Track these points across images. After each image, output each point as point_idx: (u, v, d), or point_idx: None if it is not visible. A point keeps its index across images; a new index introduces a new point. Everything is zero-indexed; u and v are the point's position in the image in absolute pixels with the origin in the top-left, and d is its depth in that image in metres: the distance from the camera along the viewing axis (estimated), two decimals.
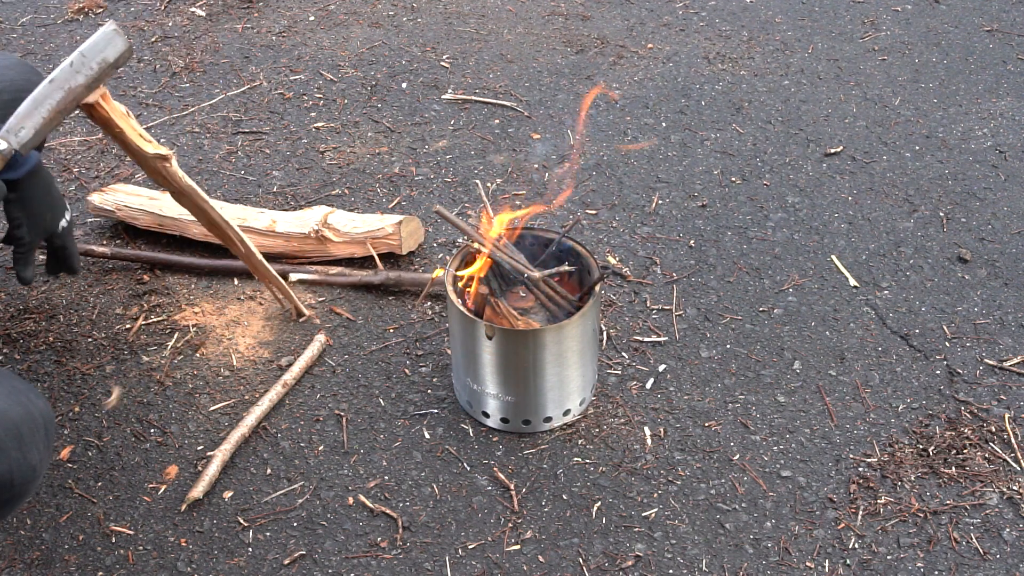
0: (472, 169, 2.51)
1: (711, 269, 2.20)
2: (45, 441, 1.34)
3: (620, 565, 1.63)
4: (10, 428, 1.26)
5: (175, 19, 3.17)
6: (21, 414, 1.28)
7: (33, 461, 1.29)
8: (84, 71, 1.52)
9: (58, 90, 1.50)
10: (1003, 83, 2.82)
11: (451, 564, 1.63)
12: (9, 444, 1.25)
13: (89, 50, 1.52)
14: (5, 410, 1.26)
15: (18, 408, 1.28)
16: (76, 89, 1.52)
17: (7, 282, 2.17)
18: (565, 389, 1.79)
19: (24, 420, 1.28)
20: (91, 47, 1.53)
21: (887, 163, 2.52)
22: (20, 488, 1.28)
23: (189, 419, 1.87)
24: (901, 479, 1.75)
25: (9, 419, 1.26)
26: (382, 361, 1.98)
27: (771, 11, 3.19)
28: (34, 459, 1.29)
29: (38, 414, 1.32)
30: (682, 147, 2.58)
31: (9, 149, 1.46)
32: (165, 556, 1.64)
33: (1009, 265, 2.20)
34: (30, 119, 1.49)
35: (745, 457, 1.79)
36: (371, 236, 2.13)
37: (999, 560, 1.63)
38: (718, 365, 1.97)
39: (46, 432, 1.34)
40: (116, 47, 1.55)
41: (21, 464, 1.27)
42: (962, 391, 1.91)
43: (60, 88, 1.50)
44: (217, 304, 2.11)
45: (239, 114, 2.72)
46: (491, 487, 1.75)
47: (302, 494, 1.74)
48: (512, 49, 3.00)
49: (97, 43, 1.53)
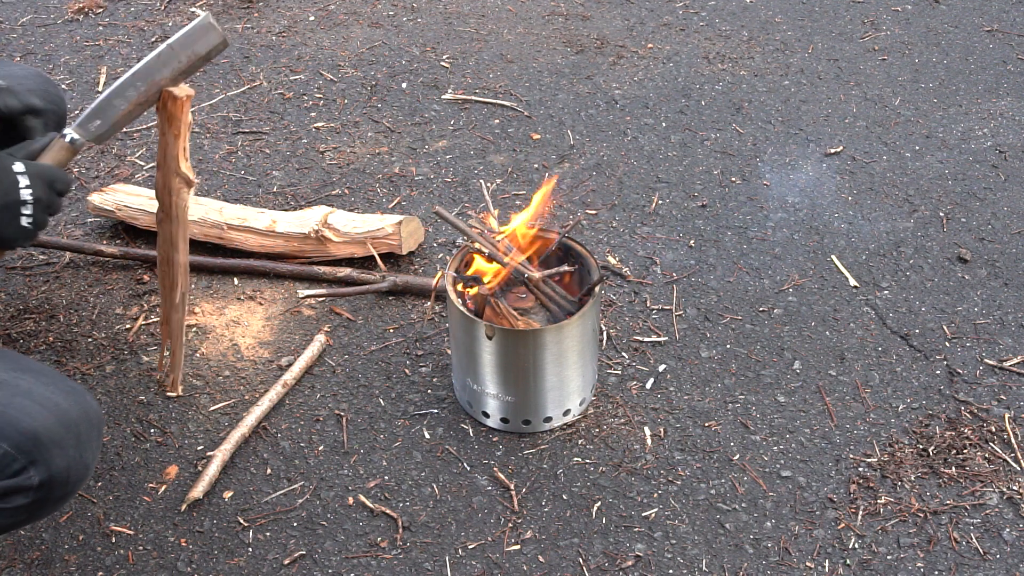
0: (472, 169, 2.51)
1: (711, 269, 2.20)
2: (98, 441, 1.37)
3: (620, 565, 1.63)
4: (71, 427, 1.29)
5: (175, 19, 3.17)
6: (80, 414, 1.32)
7: (88, 460, 1.33)
8: (172, 63, 1.50)
9: (140, 81, 1.49)
10: (1003, 83, 2.82)
11: (451, 564, 1.63)
12: (69, 442, 1.28)
13: (179, 43, 1.50)
14: (67, 410, 1.30)
15: (77, 409, 1.32)
16: (160, 81, 1.50)
17: (7, 282, 2.17)
18: (565, 389, 1.79)
19: (82, 420, 1.32)
20: (182, 39, 1.50)
21: (887, 163, 2.52)
22: (73, 486, 1.32)
23: (189, 419, 1.87)
24: (901, 479, 1.75)
25: (70, 418, 1.30)
26: (382, 361, 1.98)
27: (771, 11, 3.19)
28: (89, 459, 1.33)
29: (93, 415, 1.35)
30: (682, 147, 2.58)
31: (82, 141, 1.46)
32: (165, 556, 1.64)
33: (1009, 265, 2.20)
34: (105, 112, 1.48)
35: (745, 457, 1.79)
36: (371, 236, 2.13)
37: (999, 560, 1.63)
38: (718, 365, 1.97)
39: (98, 433, 1.37)
40: (209, 40, 1.52)
41: (78, 463, 1.30)
42: (962, 391, 1.91)
43: (143, 79, 1.49)
44: (217, 304, 2.11)
45: (239, 114, 2.72)
46: (491, 487, 1.75)
47: (302, 494, 1.74)
48: (512, 49, 3.00)
49: (190, 35, 1.51)
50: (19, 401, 1.27)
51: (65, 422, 1.29)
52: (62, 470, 1.28)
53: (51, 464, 1.27)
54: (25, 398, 1.28)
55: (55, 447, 1.27)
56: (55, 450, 1.27)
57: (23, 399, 1.27)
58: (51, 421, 1.27)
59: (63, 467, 1.28)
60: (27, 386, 1.30)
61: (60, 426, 1.28)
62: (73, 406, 1.31)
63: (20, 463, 1.25)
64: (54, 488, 1.29)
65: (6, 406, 1.26)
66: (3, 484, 1.25)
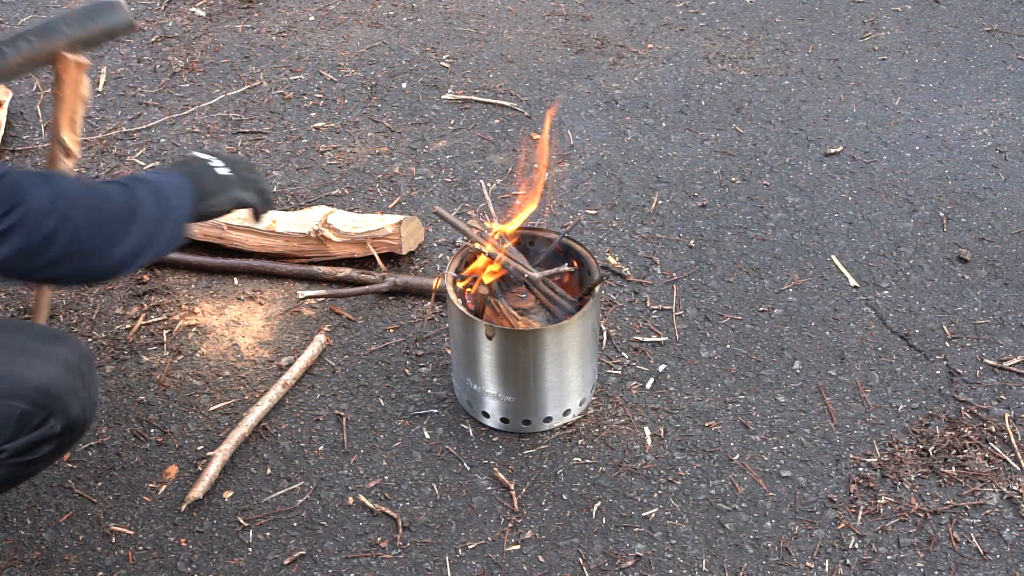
0: (472, 169, 2.51)
1: (711, 269, 2.20)
2: (96, 374, 1.45)
3: (620, 565, 1.63)
4: (74, 371, 1.36)
5: (175, 19, 3.17)
6: (77, 356, 1.38)
7: (94, 395, 1.42)
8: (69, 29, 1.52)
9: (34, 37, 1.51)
10: (1003, 83, 2.82)
11: (451, 564, 1.63)
12: (77, 385, 1.36)
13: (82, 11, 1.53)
14: (65, 356, 1.36)
15: (73, 352, 1.38)
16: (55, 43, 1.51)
17: (7, 282, 2.17)
18: (565, 389, 1.79)
19: (81, 360, 1.38)
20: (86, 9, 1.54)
21: (887, 163, 2.52)
22: (90, 421, 1.42)
23: (189, 419, 1.87)
24: (901, 479, 1.75)
25: (71, 363, 1.36)
26: (382, 361, 1.98)
27: (771, 11, 3.19)
28: (95, 393, 1.42)
29: (85, 352, 1.41)
30: (682, 147, 2.58)
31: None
32: (165, 556, 1.64)
33: (1009, 265, 2.20)
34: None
35: (745, 457, 1.79)
36: (371, 236, 2.13)
37: (999, 560, 1.63)
38: (718, 365, 1.97)
39: (94, 366, 1.45)
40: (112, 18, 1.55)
41: (89, 401, 1.40)
42: (962, 391, 1.91)
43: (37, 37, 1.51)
44: (217, 304, 2.11)
45: (239, 114, 2.72)
46: (491, 487, 1.75)
47: (302, 494, 1.74)
48: (512, 49, 3.00)
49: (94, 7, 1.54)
50: (22, 360, 1.32)
51: (69, 368, 1.35)
52: (79, 413, 1.37)
53: (68, 410, 1.35)
54: (26, 357, 1.33)
55: (68, 394, 1.35)
56: (68, 397, 1.35)
57: (25, 358, 1.33)
58: (57, 371, 1.34)
59: (79, 410, 1.37)
60: (22, 344, 1.35)
61: (66, 372, 1.34)
62: (69, 351, 1.37)
63: (40, 416, 1.33)
64: (75, 430, 1.38)
65: (11, 368, 1.31)
66: (29, 438, 1.33)
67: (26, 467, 1.37)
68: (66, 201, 1.22)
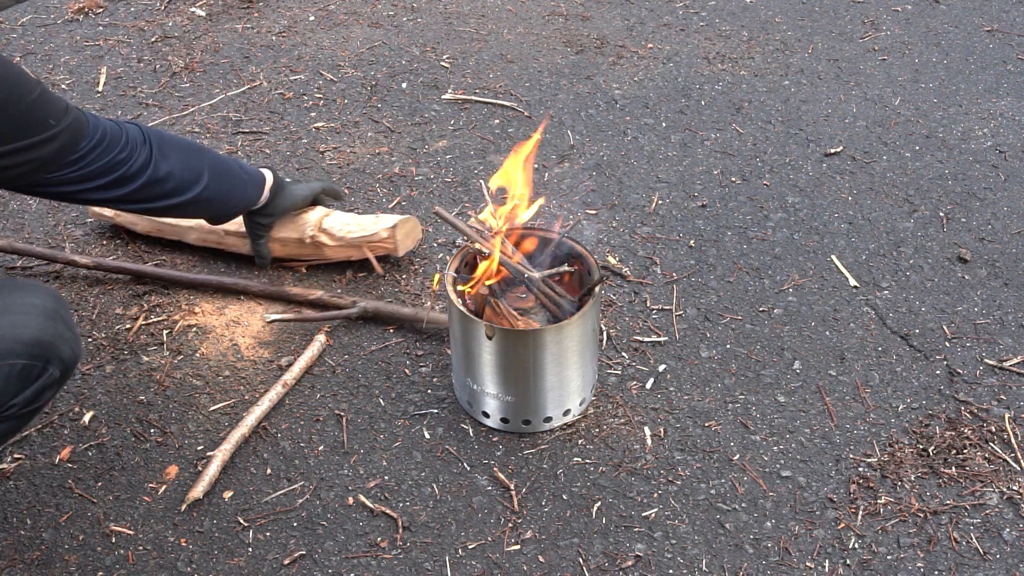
0: (472, 169, 2.51)
1: (711, 269, 2.20)
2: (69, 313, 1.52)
3: (620, 565, 1.63)
4: (55, 317, 1.45)
5: (175, 19, 3.17)
6: (52, 302, 1.46)
7: (76, 333, 1.50)
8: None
9: None
10: (1003, 83, 2.83)
11: (451, 564, 1.63)
12: (61, 329, 1.45)
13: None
14: (43, 305, 1.44)
15: (48, 298, 1.46)
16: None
17: None
18: (565, 389, 1.79)
19: (57, 305, 1.47)
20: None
21: (887, 163, 2.52)
22: (79, 358, 1.52)
23: (189, 419, 1.87)
24: (901, 479, 1.75)
25: (50, 309, 1.44)
26: (382, 361, 1.98)
27: (771, 11, 3.19)
28: (75, 330, 1.50)
29: (56, 295, 1.49)
30: (682, 147, 2.58)
31: None
32: (165, 556, 1.64)
33: (1009, 265, 2.20)
34: None
35: (745, 457, 1.79)
36: (367, 241, 2.12)
37: (999, 560, 1.63)
38: (718, 365, 1.97)
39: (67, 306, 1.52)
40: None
41: (75, 341, 1.49)
42: (962, 391, 1.91)
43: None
44: (217, 304, 2.11)
45: (239, 114, 2.72)
46: (491, 487, 1.75)
47: (302, 494, 1.74)
48: (512, 49, 3.00)
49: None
50: (6, 319, 1.40)
51: (49, 315, 1.44)
52: (70, 354, 1.47)
53: (62, 355, 1.45)
54: (8, 314, 1.41)
55: (57, 340, 1.44)
56: (58, 342, 1.44)
57: (7, 316, 1.41)
58: (41, 321, 1.42)
59: (69, 352, 1.46)
60: (1, 303, 1.43)
61: (49, 321, 1.43)
62: (44, 298, 1.45)
63: (39, 367, 1.42)
64: (70, 370, 1.49)
65: (0, 329, 1.39)
66: (33, 388, 1.43)
67: (33, 414, 1.48)
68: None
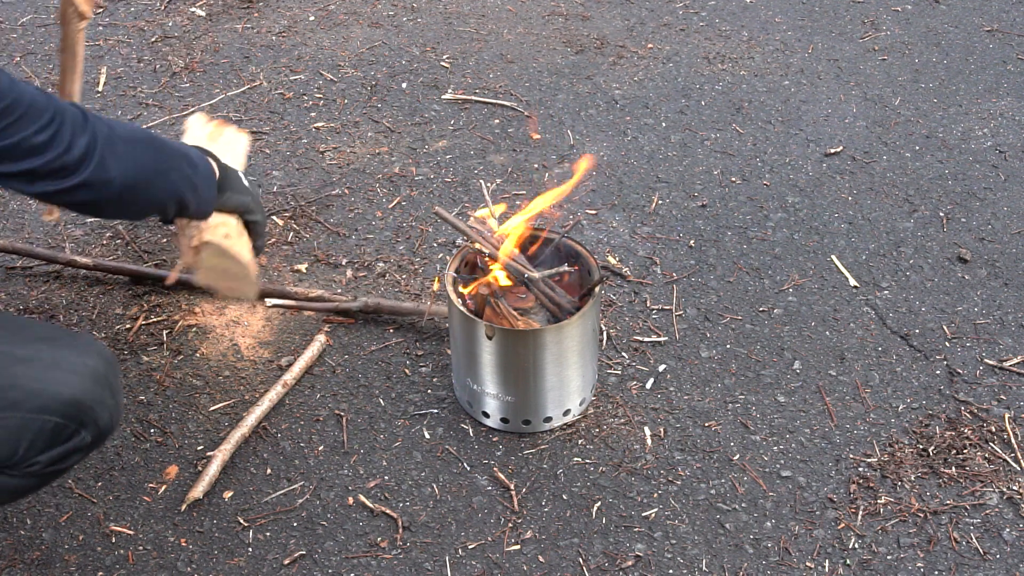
0: (472, 169, 2.51)
1: (711, 269, 2.20)
2: (120, 379, 1.47)
3: (620, 565, 1.63)
4: (102, 381, 1.39)
5: (175, 19, 3.17)
6: (104, 366, 1.40)
7: (120, 401, 1.45)
8: None
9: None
10: (1003, 83, 2.82)
11: (451, 564, 1.63)
12: (106, 395, 1.39)
13: None
14: (94, 367, 1.38)
15: (101, 361, 1.40)
16: None
17: (7, 282, 2.17)
18: (565, 389, 1.79)
19: (108, 370, 1.41)
20: None
21: (887, 163, 2.52)
22: (117, 427, 1.45)
23: (189, 419, 1.87)
24: (901, 479, 1.75)
25: (99, 374, 1.39)
26: (382, 361, 1.98)
27: (771, 11, 3.19)
28: (121, 399, 1.45)
29: (111, 358, 1.43)
30: (682, 147, 2.58)
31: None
32: (165, 556, 1.64)
33: (1009, 265, 2.20)
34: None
35: (745, 457, 1.79)
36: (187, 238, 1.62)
37: (999, 560, 1.63)
38: (718, 365, 1.97)
39: (119, 372, 1.47)
40: None
41: (116, 409, 1.43)
42: (962, 391, 1.91)
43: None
44: (217, 304, 2.11)
45: (239, 114, 2.72)
46: (491, 487, 1.75)
47: (302, 494, 1.74)
48: (512, 49, 3.00)
49: None
50: (52, 375, 1.35)
51: (97, 379, 1.38)
52: (107, 421, 1.40)
53: (99, 421, 1.39)
54: (55, 369, 1.35)
55: (97, 405, 1.38)
56: (98, 408, 1.38)
57: (54, 371, 1.35)
58: (87, 384, 1.36)
59: (107, 419, 1.40)
60: (51, 357, 1.37)
61: (95, 385, 1.37)
62: (96, 361, 1.39)
63: (72, 428, 1.36)
64: (103, 437, 1.42)
65: (42, 381, 1.33)
66: (61, 449, 1.36)
67: (55, 475, 1.41)
68: None
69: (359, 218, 2.35)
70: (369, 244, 2.27)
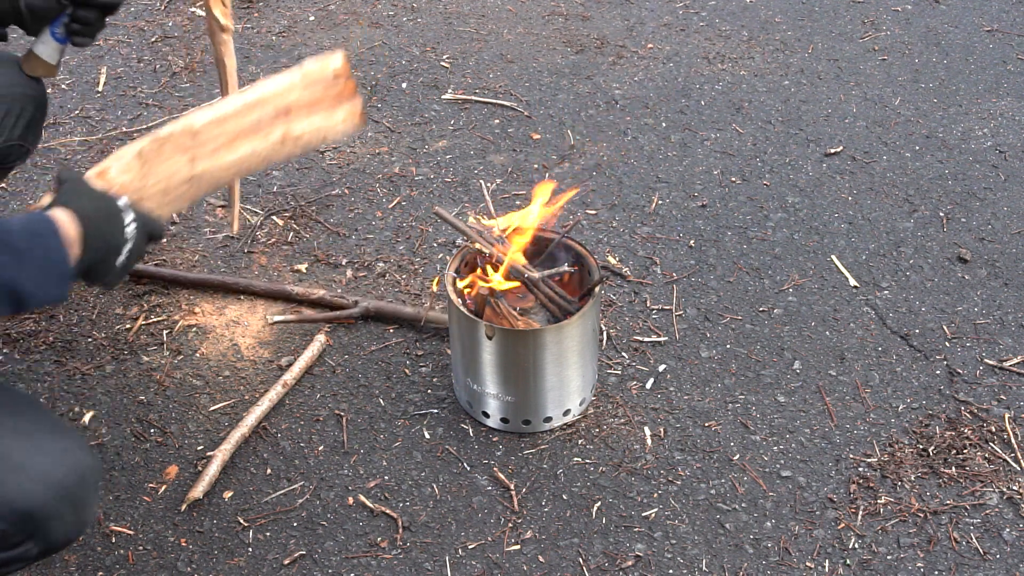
0: (472, 169, 2.51)
1: (711, 269, 2.20)
2: (96, 495, 1.35)
3: (620, 565, 1.63)
4: (66, 498, 1.28)
5: (175, 19, 3.17)
6: (75, 480, 1.29)
7: (86, 518, 1.33)
8: None
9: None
10: (1003, 83, 2.83)
11: (451, 564, 1.63)
12: (65, 512, 1.28)
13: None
14: (61, 480, 1.28)
15: (73, 475, 1.29)
16: None
17: None
18: (565, 389, 1.79)
19: (78, 485, 1.30)
20: None
21: (887, 163, 2.52)
22: (71, 543, 1.34)
23: (189, 419, 1.87)
24: (901, 479, 1.75)
25: (66, 488, 1.28)
26: (382, 361, 1.98)
27: (771, 11, 3.19)
28: (87, 516, 1.33)
29: (89, 473, 1.33)
30: (682, 147, 2.58)
31: None
32: (165, 556, 1.64)
33: (1009, 265, 2.20)
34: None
35: (745, 457, 1.80)
36: None
37: (999, 560, 1.63)
38: (718, 365, 1.97)
39: (96, 488, 1.35)
40: None
41: (75, 526, 1.31)
42: (962, 391, 1.91)
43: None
44: (217, 304, 2.11)
45: None
46: (491, 487, 1.75)
47: (302, 494, 1.74)
48: (512, 49, 3.00)
49: None
50: (12, 478, 1.25)
51: (60, 494, 1.28)
52: (60, 538, 1.30)
53: (48, 536, 1.28)
54: (19, 473, 1.26)
55: (52, 520, 1.28)
56: (52, 523, 1.28)
57: (17, 475, 1.26)
58: (48, 497, 1.26)
59: (60, 535, 1.30)
60: (19, 457, 1.27)
61: (57, 500, 1.27)
62: (69, 473, 1.29)
63: (18, 538, 1.26)
64: (51, 552, 1.32)
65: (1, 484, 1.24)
66: (3, 556, 1.27)
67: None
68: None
69: (359, 218, 2.35)
70: (369, 244, 2.27)
